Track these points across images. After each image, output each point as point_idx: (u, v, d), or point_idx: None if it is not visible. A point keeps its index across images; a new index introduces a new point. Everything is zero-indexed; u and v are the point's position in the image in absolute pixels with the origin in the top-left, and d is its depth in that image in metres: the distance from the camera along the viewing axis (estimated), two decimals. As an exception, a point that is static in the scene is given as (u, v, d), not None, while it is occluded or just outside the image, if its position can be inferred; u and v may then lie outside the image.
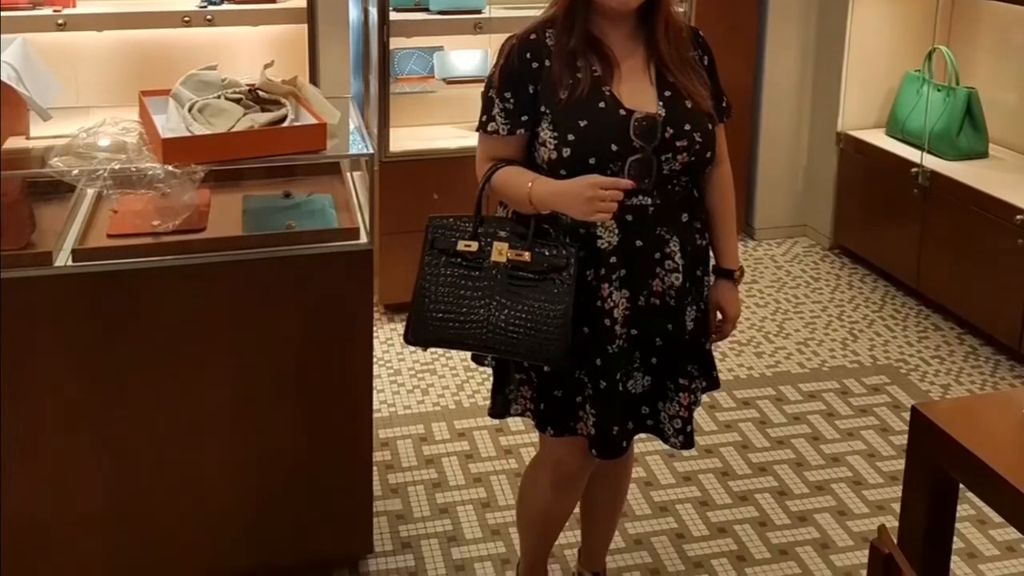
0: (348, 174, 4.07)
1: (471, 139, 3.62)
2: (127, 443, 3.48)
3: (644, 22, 3.02)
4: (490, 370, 3.26)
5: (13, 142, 3.64)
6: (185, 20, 5.02)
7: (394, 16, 5.48)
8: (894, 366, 5.38)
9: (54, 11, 4.92)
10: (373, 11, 5.48)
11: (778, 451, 4.65)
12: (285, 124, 3.53)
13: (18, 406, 3.34)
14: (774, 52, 6.76)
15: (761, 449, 4.66)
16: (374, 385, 3.88)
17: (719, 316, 3.24)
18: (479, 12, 5.71)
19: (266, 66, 3.68)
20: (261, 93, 3.63)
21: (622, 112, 2.92)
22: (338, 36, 5.60)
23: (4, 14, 4.51)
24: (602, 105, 2.92)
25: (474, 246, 2.98)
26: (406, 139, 5.71)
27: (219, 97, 3.57)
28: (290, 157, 3.56)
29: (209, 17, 5.05)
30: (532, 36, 3.01)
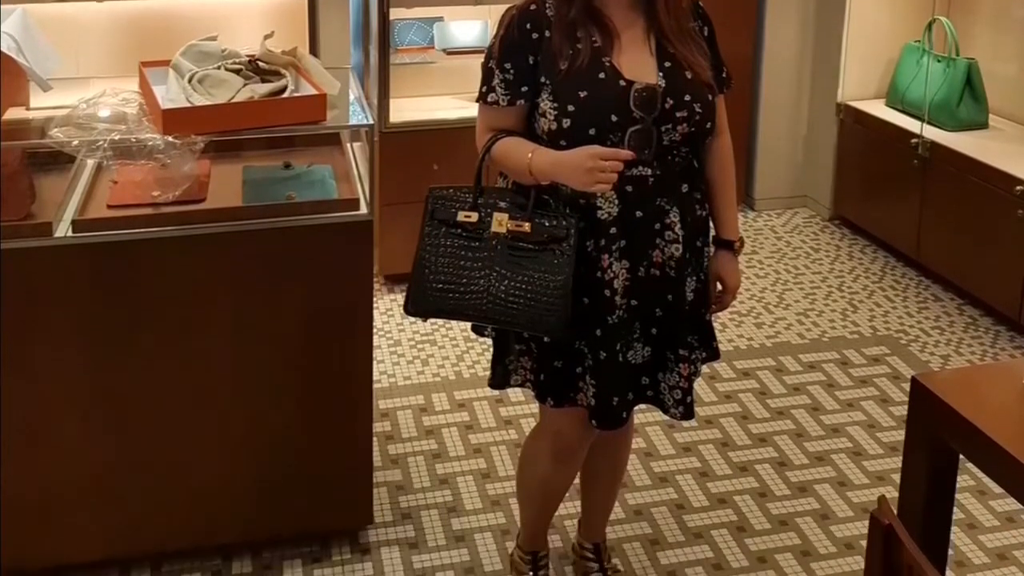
0: (348, 145, 4.07)
1: (471, 110, 3.61)
2: (127, 413, 3.49)
3: (644, -7, 3.01)
4: (490, 341, 3.27)
5: (13, 113, 3.63)
6: (185, -10, 5.00)
7: (394, -13, 5.47)
8: (894, 337, 5.39)
9: (53, -19, 4.90)
10: (373, -19, 5.47)
11: (778, 422, 4.66)
12: (285, 95, 3.53)
13: (18, 377, 3.35)
14: (774, 22, 6.73)
15: (761, 420, 4.67)
16: (374, 356, 3.87)
17: (719, 287, 3.25)
18: (479, -18, 5.69)
19: (266, 37, 3.67)
20: (261, 64, 3.62)
21: (622, 83, 2.91)
22: (338, 7, 5.57)
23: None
24: (602, 76, 2.92)
25: (474, 217, 2.98)
26: (406, 110, 5.70)
27: (219, 68, 3.57)
28: (290, 128, 3.56)
29: (209, -13, 5.03)
30: (532, 7, 3.00)
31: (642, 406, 3.21)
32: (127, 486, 3.55)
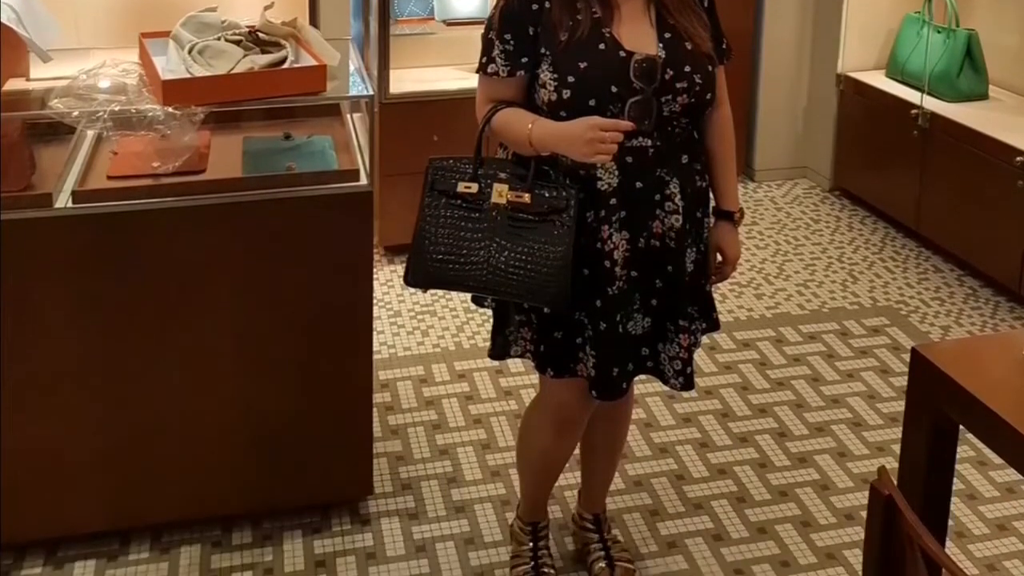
0: (348, 116, 4.06)
1: (471, 81, 3.60)
2: (127, 383, 3.49)
3: (644, -37, 3.01)
4: (490, 312, 3.27)
5: (13, 84, 3.62)
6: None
7: (394, -43, 5.45)
8: (894, 307, 5.39)
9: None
10: (372, -49, 5.45)
11: (778, 392, 4.67)
12: (285, 66, 3.52)
13: (18, 347, 3.35)
14: (775, -7, 6.73)
15: (761, 391, 4.67)
16: (374, 326, 3.87)
17: (719, 258, 3.25)
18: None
19: (266, 8, 3.66)
20: (261, 35, 3.61)
21: (622, 54, 2.91)
22: (337, -22, 5.56)
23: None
24: (602, 47, 2.91)
25: (474, 188, 2.98)
26: (406, 81, 5.68)
27: (219, 39, 3.56)
28: (290, 99, 3.55)
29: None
30: (532, -23, 2.99)
31: (642, 377, 3.22)
32: (127, 457, 3.56)
